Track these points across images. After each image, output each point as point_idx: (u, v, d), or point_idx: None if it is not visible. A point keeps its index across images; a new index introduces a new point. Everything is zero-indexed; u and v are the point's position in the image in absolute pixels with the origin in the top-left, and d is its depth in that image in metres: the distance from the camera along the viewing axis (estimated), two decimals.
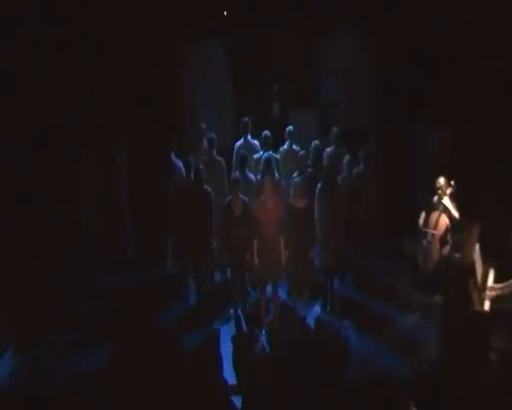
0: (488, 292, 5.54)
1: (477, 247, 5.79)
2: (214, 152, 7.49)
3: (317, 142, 7.53)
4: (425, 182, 7.30)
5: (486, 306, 5.49)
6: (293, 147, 7.70)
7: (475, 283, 5.62)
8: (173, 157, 7.50)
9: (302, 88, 9.09)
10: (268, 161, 7.06)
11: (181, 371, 5.84)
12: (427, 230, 6.66)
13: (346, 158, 7.30)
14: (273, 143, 7.62)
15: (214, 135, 7.54)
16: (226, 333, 6.58)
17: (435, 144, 8.23)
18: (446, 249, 6.45)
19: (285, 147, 7.78)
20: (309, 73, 9.15)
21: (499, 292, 5.49)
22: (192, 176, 6.77)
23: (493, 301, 5.48)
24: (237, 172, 7.12)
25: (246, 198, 6.52)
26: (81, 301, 7.05)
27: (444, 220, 6.57)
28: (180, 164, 7.43)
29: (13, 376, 5.83)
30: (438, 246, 6.62)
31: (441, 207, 6.58)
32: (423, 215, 6.72)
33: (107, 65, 7.63)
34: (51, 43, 6.92)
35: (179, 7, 8.24)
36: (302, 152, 7.30)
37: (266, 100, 9.29)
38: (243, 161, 7.15)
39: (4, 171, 6.36)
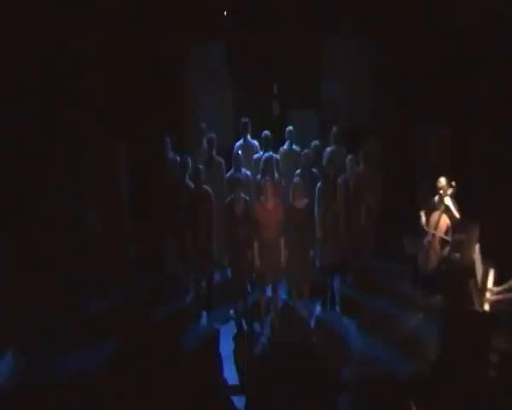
0: (488, 296, 5.54)
1: (477, 247, 5.79)
2: (214, 152, 7.50)
3: (316, 142, 7.53)
4: (425, 182, 7.30)
5: (486, 306, 5.49)
6: (293, 147, 7.70)
7: (475, 283, 5.62)
8: (171, 155, 7.51)
9: (302, 88, 9.09)
10: (268, 161, 7.07)
11: (181, 371, 5.84)
12: (433, 232, 6.65)
13: (349, 157, 7.28)
14: (273, 143, 7.62)
15: (214, 135, 7.55)
16: (226, 333, 6.58)
17: (435, 144, 8.23)
18: (446, 249, 6.45)
19: (285, 147, 7.78)
20: (309, 73, 9.14)
21: (499, 297, 5.49)
22: (192, 176, 6.78)
23: (493, 305, 5.49)
24: (233, 171, 7.15)
25: (248, 197, 6.53)
26: (81, 300, 7.05)
27: (444, 221, 6.56)
28: (179, 163, 7.45)
29: (13, 376, 5.83)
30: (438, 246, 6.62)
31: (442, 208, 6.59)
32: (423, 215, 6.72)
33: (107, 64, 7.63)
34: (51, 43, 6.92)
35: (179, 7, 8.23)
36: (305, 151, 7.28)
37: (266, 100, 9.29)
38: (237, 161, 7.18)
39: (4, 171, 6.37)
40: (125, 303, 7.04)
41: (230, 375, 5.87)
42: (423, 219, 6.70)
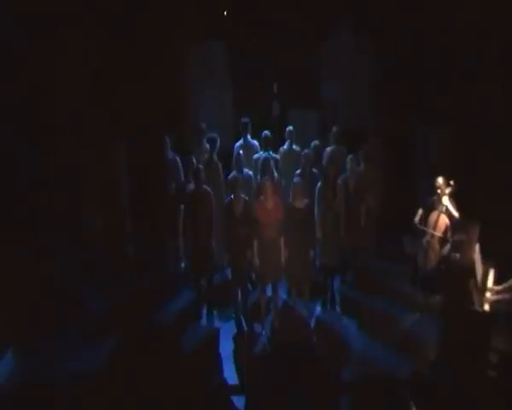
0: (488, 295, 5.55)
1: (477, 247, 5.79)
2: (214, 152, 7.49)
3: (316, 142, 7.53)
4: (425, 182, 7.30)
5: (486, 306, 5.50)
6: (293, 147, 7.70)
7: (475, 283, 5.63)
8: (171, 155, 7.53)
9: (302, 88, 9.09)
10: (266, 161, 7.07)
11: (181, 371, 5.84)
12: (426, 229, 6.66)
13: (350, 157, 7.25)
14: (273, 143, 7.62)
15: (216, 135, 7.55)
16: (226, 333, 6.58)
17: (435, 144, 8.23)
18: (446, 249, 6.45)
19: (285, 147, 7.78)
20: (309, 73, 9.14)
21: (499, 297, 5.50)
22: (192, 176, 6.79)
23: (493, 304, 5.49)
24: (235, 172, 7.14)
25: (247, 198, 6.53)
26: (81, 300, 7.05)
27: (443, 220, 6.56)
28: (179, 163, 7.45)
29: (13, 376, 5.83)
30: (437, 246, 6.62)
31: (441, 207, 6.59)
32: (420, 212, 6.72)
33: (108, 64, 7.63)
34: (51, 43, 6.92)
35: (179, 7, 8.23)
36: (305, 151, 7.28)
37: (266, 100, 9.29)
38: (238, 161, 7.17)
39: (4, 170, 6.36)
40: (125, 303, 7.03)
41: (230, 375, 5.88)
42: (417, 217, 6.70)
